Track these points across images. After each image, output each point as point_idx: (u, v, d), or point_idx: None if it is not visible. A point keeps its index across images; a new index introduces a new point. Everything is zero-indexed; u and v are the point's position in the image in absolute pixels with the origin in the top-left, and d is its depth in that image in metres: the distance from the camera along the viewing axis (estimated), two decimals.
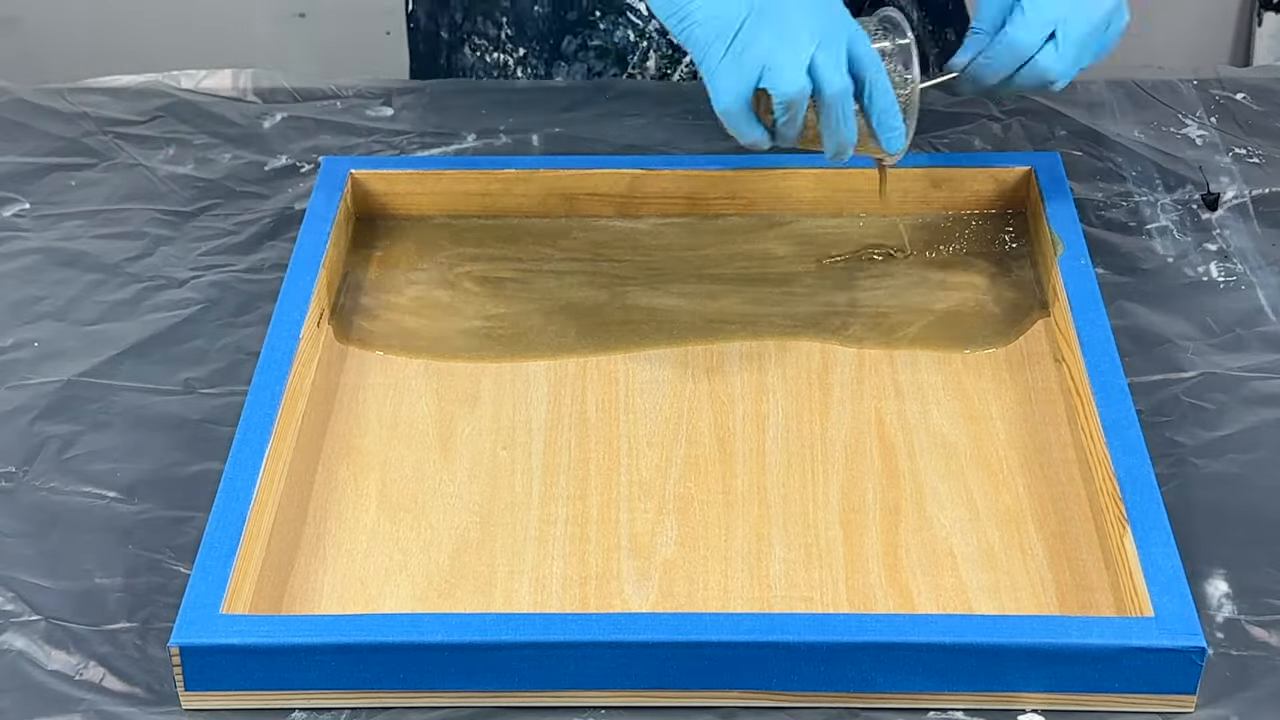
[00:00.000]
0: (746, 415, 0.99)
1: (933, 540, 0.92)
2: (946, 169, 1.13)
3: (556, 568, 0.91)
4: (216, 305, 1.10)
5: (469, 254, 1.12)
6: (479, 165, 1.16)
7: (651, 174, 1.13)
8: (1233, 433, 0.99)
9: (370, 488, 0.96)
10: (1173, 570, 0.85)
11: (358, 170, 1.14)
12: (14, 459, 0.99)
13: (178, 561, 0.92)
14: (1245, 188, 1.18)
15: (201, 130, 1.27)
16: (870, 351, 1.04)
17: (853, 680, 0.83)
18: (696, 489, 0.95)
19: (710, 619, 0.84)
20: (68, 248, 1.15)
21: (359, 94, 1.31)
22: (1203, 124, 1.25)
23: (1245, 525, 0.93)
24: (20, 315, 1.10)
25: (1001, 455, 0.97)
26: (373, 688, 0.84)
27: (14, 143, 1.26)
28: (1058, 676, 0.83)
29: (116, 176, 1.22)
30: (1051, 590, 0.89)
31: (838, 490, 0.95)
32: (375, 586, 0.90)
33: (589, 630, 0.83)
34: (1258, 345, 1.05)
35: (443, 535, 0.93)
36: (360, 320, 1.07)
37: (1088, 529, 0.92)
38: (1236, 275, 1.11)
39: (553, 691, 0.84)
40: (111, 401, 1.03)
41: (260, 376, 0.97)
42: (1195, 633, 0.82)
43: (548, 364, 1.03)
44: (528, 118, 1.27)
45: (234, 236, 1.16)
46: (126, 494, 0.97)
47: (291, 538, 0.92)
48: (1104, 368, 0.96)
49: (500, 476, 0.96)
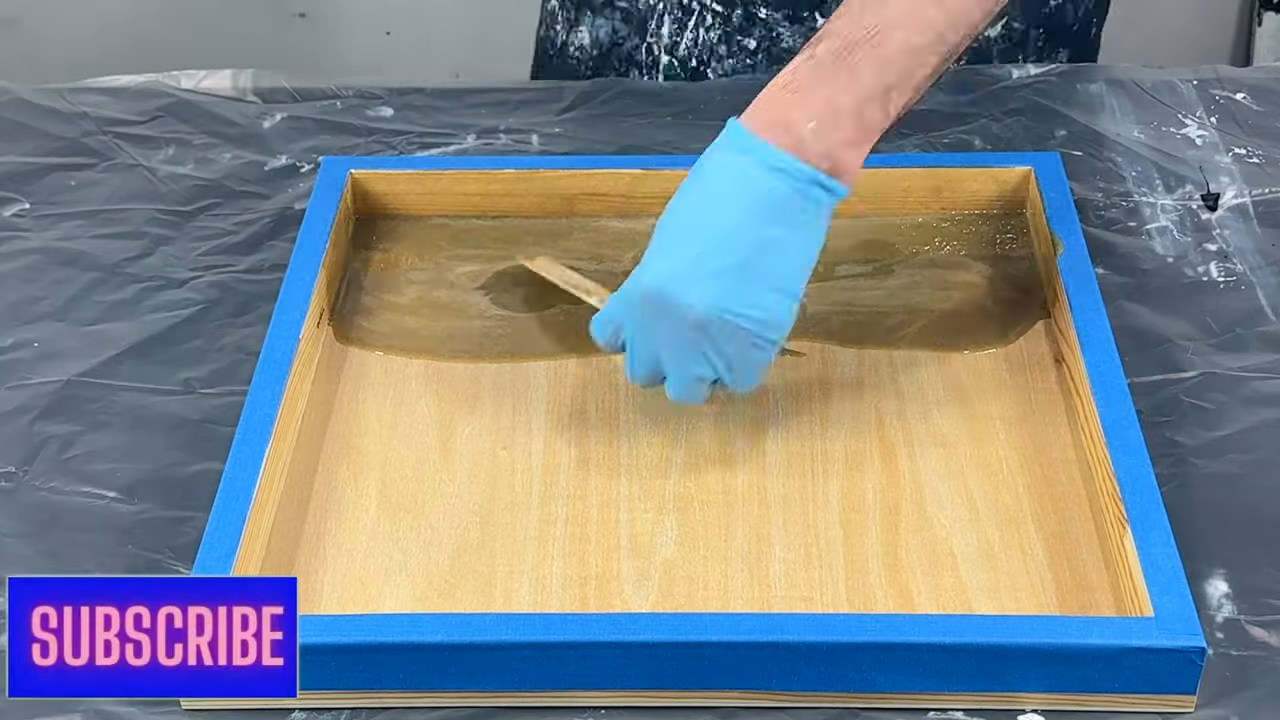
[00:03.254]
0: (746, 415, 0.99)
1: (933, 540, 0.92)
2: (946, 169, 1.13)
3: (556, 568, 0.91)
4: (216, 305, 1.10)
5: (469, 254, 1.12)
6: (479, 165, 1.15)
7: (651, 174, 1.13)
8: (1233, 433, 0.99)
9: (370, 488, 0.96)
10: (1173, 570, 0.85)
11: (358, 170, 1.14)
12: (14, 459, 0.99)
13: (178, 561, 0.92)
14: (1245, 188, 1.18)
15: (201, 130, 1.27)
16: (870, 351, 1.03)
17: (853, 680, 0.83)
18: (696, 489, 0.95)
19: (710, 619, 0.84)
20: (67, 248, 1.15)
21: (359, 94, 1.31)
22: (1203, 124, 1.25)
23: (1245, 525, 0.93)
24: (20, 315, 1.10)
25: (1001, 455, 0.97)
26: (373, 688, 0.84)
27: (14, 143, 1.26)
28: (1058, 676, 0.83)
29: (116, 176, 1.22)
30: (1051, 590, 0.89)
31: (838, 490, 0.95)
32: (375, 586, 0.90)
33: (589, 630, 0.83)
34: (1258, 345, 1.05)
35: (443, 535, 0.93)
36: (360, 320, 1.07)
37: (1088, 529, 0.92)
38: (1236, 275, 1.11)
39: (553, 691, 0.84)
40: (111, 401, 1.03)
41: (260, 376, 0.97)
42: (1195, 633, 0.82)
43: (548, 364, 1.03)
44: (528, 118, 1.27)
45: (234, 236, 1.16)
46: (126, 494, 0.97)
47: (291, 538, 0.92)
48: (1104, 368, 0.96)
49: (500, 476, 0.96)
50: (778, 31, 1.27)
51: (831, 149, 0.88)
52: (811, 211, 0.89)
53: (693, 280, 0.88)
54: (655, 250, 0.91)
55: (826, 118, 0.88)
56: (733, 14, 1.27)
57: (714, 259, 0.88)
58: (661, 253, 0.90)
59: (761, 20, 1.27)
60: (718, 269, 0.88)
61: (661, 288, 0.89)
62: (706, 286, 0.88)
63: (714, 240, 0.89)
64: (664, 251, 0.90)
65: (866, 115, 0.89)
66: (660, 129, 1.25)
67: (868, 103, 0.89)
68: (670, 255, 0.90)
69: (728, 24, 1.28)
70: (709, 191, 0.90)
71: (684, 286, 0.88)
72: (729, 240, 0.88)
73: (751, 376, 0.93)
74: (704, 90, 1.28)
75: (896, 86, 0.90)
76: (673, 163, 1.14)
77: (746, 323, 0.89)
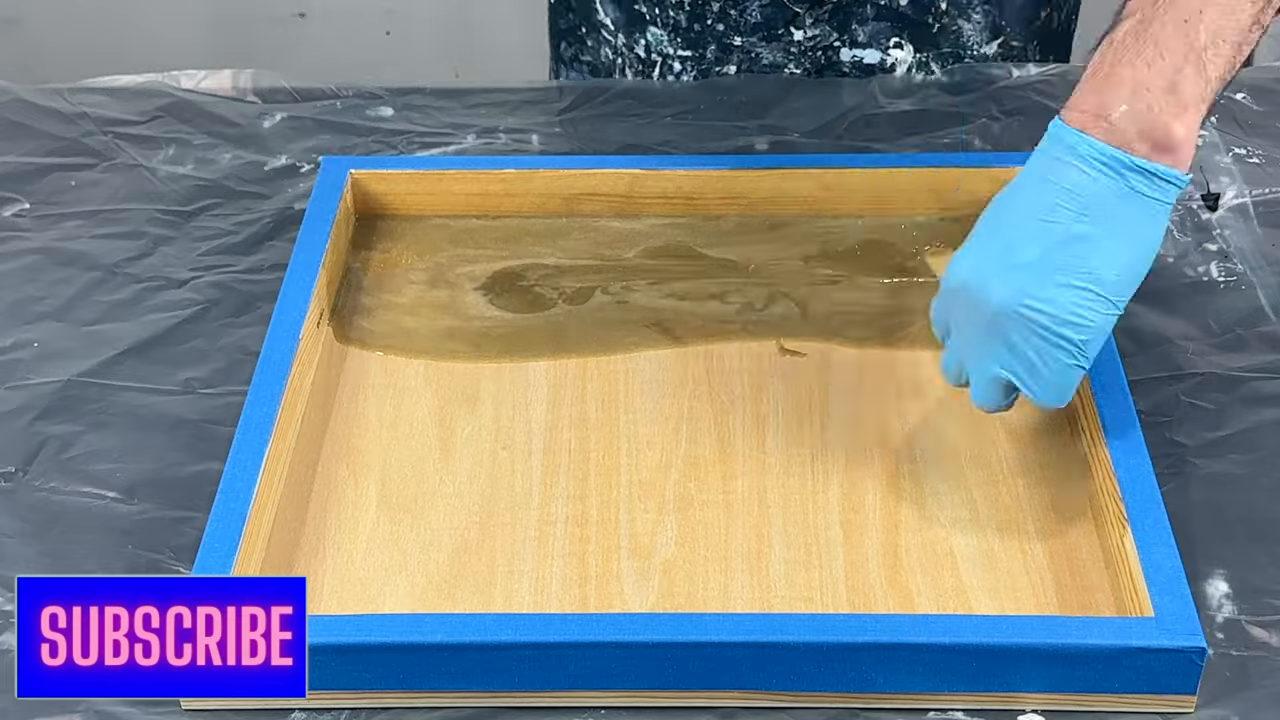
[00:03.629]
0: (746, 415, 0.99)
1: (933, 540, 0.92)
2: (946, 169, 1.13)
3: (556, 568, 0.91)
4: (216, 305, 1.10)
5: (469, 254, 1.12)
6: (479, 165, 1.15)
7: (651, 174, 1.13)
8: (1233, 433, 0.99)
9: (370, 488, 0.96)
10: (1173, 570, 0.85)
11: (358, 170, 1.14)
12: (14, 459, 0.99)
13: (178, 561, 0.92)
14: (1245, 188, 1.18)
15: (201, 130, 1.27)
16: (870, 351, 1.04)
17: (853, 680, 0.83)
18: (696, 489, 0.95)
19: (710, 619, 0.84)
20: (67, 248, 1.15)
21: (359, 94, 1.31)
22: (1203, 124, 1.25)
23: (1245, 525, 0.93)
24: (20, 315, 1.10)
25: (1001, 455, 0.97)
26: (373, 688, 0.84)
27: (14, 143, 1.26)
28: (1058, 676, 0.83)
29: (116, 176, 1.22)
30: (1051, 590, 0.89)
31: (838, 490, 0.95)
32: (375, 586, 0.90)
33: (589, 630, 0.83)
34: (1258, 345, 1.05)
35: (443, 535, 0.93)
36: (360, 320, 1.07)
37: (1088, 529, 0.92)
38: (1236, 275, 1.11)
39: (553, 691, 0.84)
40: (111, 401, 1.03)
41: (260, 376, 0.97)
42: (1195, 633, 0.82)
43: (548, 364, 1.03)
44: (528, 118, 1.27)
45: (234, 236, 1.16)
46: (126, 494, 0.97)
47: (291, 538, 0.92)
48: (1104, 368, 0.96)
49: (500, 476, 0.96)
50: (757, 52, 1.28)
51: (1147, 129, 0.84)
52: (1137, 204, 0.84)
53: (993, 272, 0.86)
54: (968, 245, 0.90)
55: (1137, 98, 0.83)
56: (706, 51, 1.28)
57: (1018, 252, 0.86)
58: (972, 247, 0.89)
59: (738, 47, 1.27)
60: (1020, 262, 0.86)
61: (966, 279, 0.88)
62: (1008, 278, 0.86)
63: (1020, 233, 0.86)
64: (974, 245, 0.89)
65: (1181, 86, 0.83)
66: (660, 129, 1.25)
67: (1178, 73, 0.83)
68: (978, 249, 0.88)
69: (701, 63, 1.28)
70: (1022, 187, 0.88)
71: (985, 278, 0.87)
72: (1034, 233, 0.86)
73: (1052, 382, 0.88)
74: (704, 90, 1.28)
75: (1209, 46, 0.84)
76: (673, 163, 1.14)
77: (1044, 317, 0.85)
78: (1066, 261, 0.85)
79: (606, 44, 1.28)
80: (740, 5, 1.24)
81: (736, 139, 1.23)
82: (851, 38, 1.26)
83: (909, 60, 1.27)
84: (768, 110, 1.26)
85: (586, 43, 1.29)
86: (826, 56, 1.27)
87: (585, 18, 1.29)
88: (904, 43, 1.27)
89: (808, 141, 1.22)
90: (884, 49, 1.27)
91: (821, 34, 1.25)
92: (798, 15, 1.24)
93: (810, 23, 1.24)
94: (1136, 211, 0.85)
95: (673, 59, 1.28)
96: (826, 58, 1.27)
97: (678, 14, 1.25)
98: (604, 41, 1.28)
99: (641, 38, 1.27)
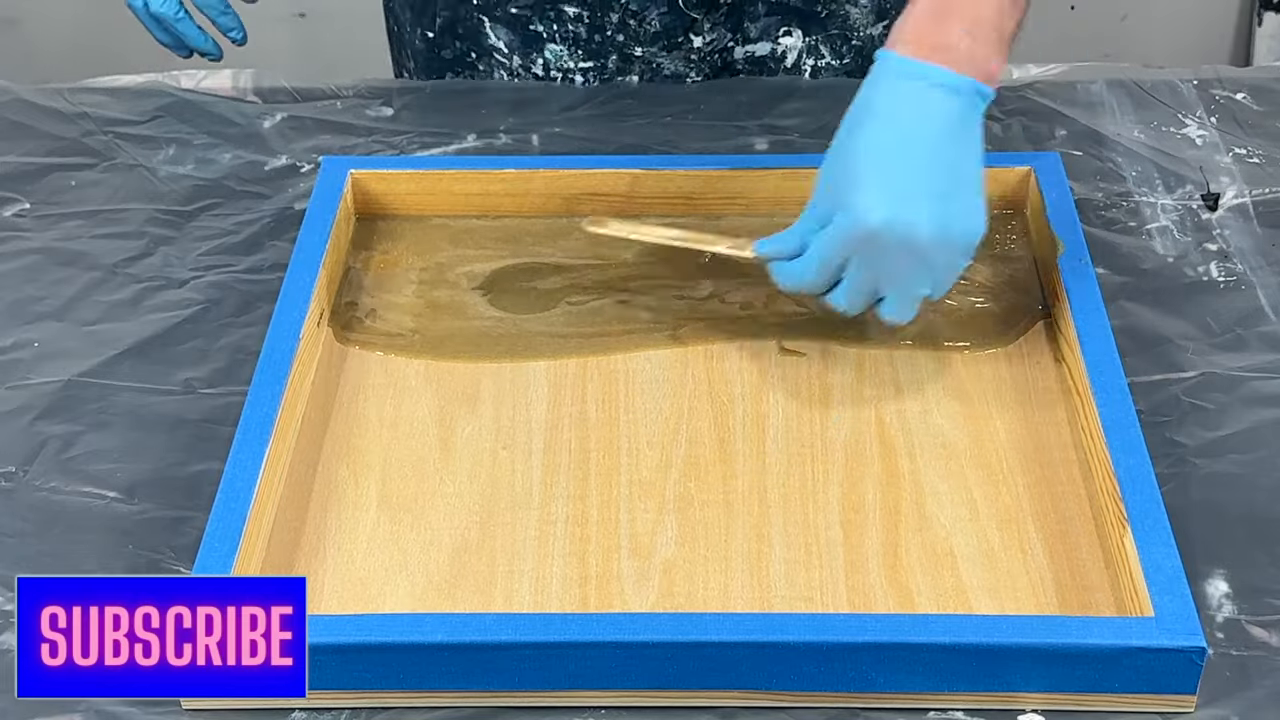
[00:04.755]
0: (746, 415, 0.99)
1: (933, 540, 0.92)
2: None
3: (556, 568, 0.91)
4: (216, 305, 1.10)
5: (469, 254, 1.12)
6: (479, 165, 1.15)
7: (651, 174, 1.13)
8: (1233, 433, 0.99)
9: (370, 488, 0.96)
10: (1173, 570, 0.85)
11: (358, 170, 1.14)
12: (14, 459, 0.99)
13: (178, 561, 0.92)
14: (1245, 188, 1.18)
15: (201, 130, 1.27)
16: (870, 351, 1.04)
17: (853, 680, 0.83)
18: (696, 489, 0.95)
19: (710, 619, 0.84)
20: (68, 248, 1.15)
21: (359, 94, 1.31)
22: (1203, 124, 1.25)
23: (1245, 525, 0.93)
24: (20, 315, 1.10)
25: (1001, 455, 0.97)
26: (373, 688, 0.84)
27: (14, 143, 1.26)
28: (1058, 676, 0.83)
29: (116, 176, 1.22)
30: (1051, 590, 0.89)
31: (838, 490, 0.95)
32: (375, 586, 0.90)
33: (589, 630, 0.83)
34: (1258, 345, 1.05)
35: (443, 535, 0.93)
36: (360, 320, 1.07)
37: (1088, 529, 0.92)
38: (1236, 275, 1.11)
39: (553, 691, 0.84)
40: (111, 401, 1.03)
41: (260, 376, 0.97)
42: (1195, 633, 0.82)
43: (548, 364, 1.03)
44: (528, 118, 1.27)
45: (234, 236, 1.16)
46: (126, 494, 0.97)
47: (291, 538, 0.92)
48: (1104, 368, 0.96)
49: (500, 476, 0.96)
50: (658, 62, 1.28)
51: (981, 59, 0.94)
52: (974, 120, 0.95)
53: (917, 207, 0.92)
54: (864, 185, 0.93)
55: (976, 32, 0.94)
56: (608, 61, 1.29)
57: (928, 182, 0.93)
58: (873, 187, 0.93)
59: (639, 58, 1.28)
60: (934, 191, 0.93)
61: (892, 219, 0.92)
62: (933, 210, 0.92)
63: (921, 165, 0.93)
64: (876, 185, 0.93)
65: (1002, 24, 0.95)
66: (660, 129, 1.25)
67: (1000, 13, 0.95)
68: (886, 188, 0.93)
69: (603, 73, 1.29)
70: (895, 120, 0.94)
71: (913, 214, 0.92)
72: (933, 162, 0.93)
73: (950, 284, 0.96)
74: (704, 90, 1.28)
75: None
76: (673, 163, 1.14)
77: (964, 236, 0.94)
78: (963, 181, 0.94)
79: (500, 66, 1.29)
80: (639, 15, 1.25)
81: (736, 139, 1.23)
82: (744, 35, 1.28)
83: (799, 46, 1.29)
84: (768, 110, 1.26)
85: (478, 68, 1.30)
86: (722, 59, 1.29)
87: (474, 43, 1.29)
88: (792, 29, 1.28)
89: (808, 141, 1.22)
90: (774, 39, 1.28)
91: (718, 37, 1.27)
92: (695, 21, 1.26)
93: (708, 28, 1.25)
94: (974, 124, 0.95)
95: (574, 72, 1.29)
96: (723, 59, 1.29)
97: (577, 27, 1.27)
98: (497, 65, 1.29)
99: (539, 56, 1.29)
